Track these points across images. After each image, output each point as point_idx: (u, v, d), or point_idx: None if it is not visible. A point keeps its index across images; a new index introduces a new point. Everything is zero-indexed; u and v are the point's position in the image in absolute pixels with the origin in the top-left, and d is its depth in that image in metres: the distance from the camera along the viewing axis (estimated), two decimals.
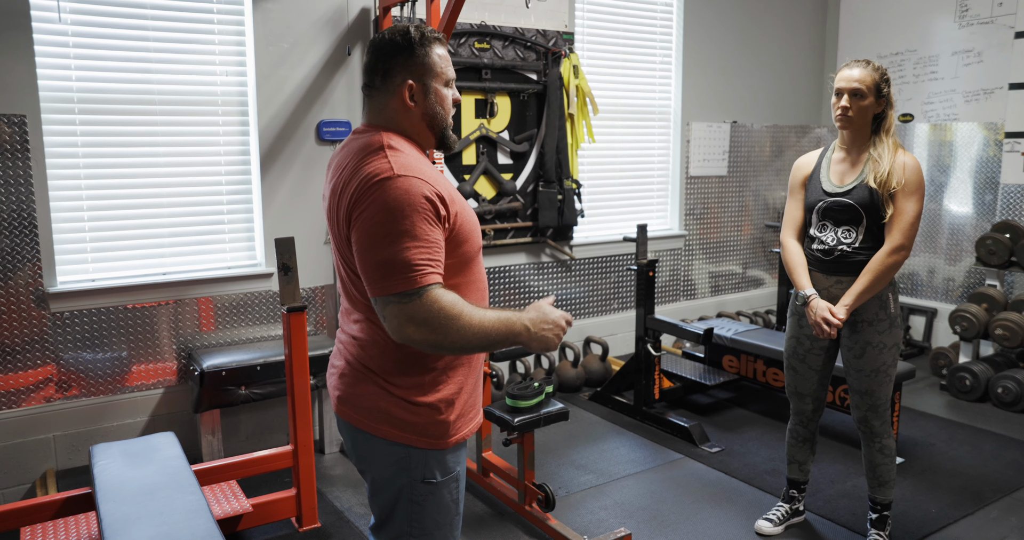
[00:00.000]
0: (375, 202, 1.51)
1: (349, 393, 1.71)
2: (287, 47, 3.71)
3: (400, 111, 1.67)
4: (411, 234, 1.49)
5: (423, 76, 1.66)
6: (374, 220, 1.51)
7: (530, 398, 2.94)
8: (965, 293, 5.25)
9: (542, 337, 1.62)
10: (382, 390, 1.66)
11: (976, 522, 3.10)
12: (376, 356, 1.66)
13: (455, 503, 1.77)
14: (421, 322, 1.49)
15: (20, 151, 3.15)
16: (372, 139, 1.63)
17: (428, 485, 1.70)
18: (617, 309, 5.12)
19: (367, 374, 1.68)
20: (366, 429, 1.68)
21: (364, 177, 1.54)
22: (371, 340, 1.67)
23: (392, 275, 1.49)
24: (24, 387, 3.27)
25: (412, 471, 1.68)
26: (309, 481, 2.99)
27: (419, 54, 1.65)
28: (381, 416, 1.66)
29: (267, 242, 3.73)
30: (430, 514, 1.73)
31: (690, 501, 3.28)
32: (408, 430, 1.66)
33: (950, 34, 5.21)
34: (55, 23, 3.22)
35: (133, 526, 2.15)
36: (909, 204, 2.57)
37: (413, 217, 1.50)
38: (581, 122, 4.57)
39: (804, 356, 2.85)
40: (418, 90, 1.66)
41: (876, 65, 2.63)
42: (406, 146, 1.64)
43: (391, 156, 1.57)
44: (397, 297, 1.49)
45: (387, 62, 1.65)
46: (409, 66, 1.65)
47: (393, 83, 1.65)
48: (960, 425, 4.13)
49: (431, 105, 1.68)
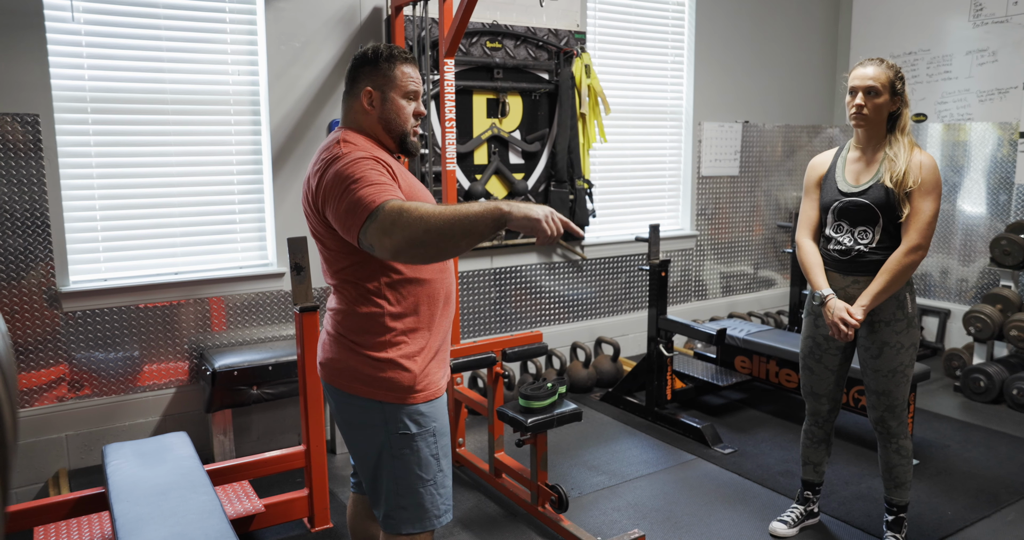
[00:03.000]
0: (332, 171, 1.76)
1: (328, 357, 1.95)
2: (299, 46, 3.70)
3: (360, 113, 1.94)
4: (363, 180, 1.71)
5: (383, 86, 1.92)
6: (334, 182, 1.74)
7: (543, 399, 2.92)
8: (979, 294, 5.21)
9: (525, 211, 1.64)
10: (351, 351, 1.89)
11: (992, 525, 3.07)
12: (342, 321, 1.91)
13: (435, 459, 1.93)
14: (389, 228, 1.62)
15: (33, 150, 3.16)
16: (332, 138, 1.91)
17: (404, 437, 1.88)
18: (628, 309, 5.10)
19: (340, 338, 1.91)
20: (342, 388, 1.91)
21: (321, 161, 1.82)
22: (339, 308, 1.92)
23: (355, 210, 1.67)
24: (37, 386, 3.28)
25: (388, 425, 1.88)
26: (321, 481, 2.98)
27: (382, 67, 1.92)
28: (352, 374, 1.89)
29: (279, 241, 3.73)
30: (412, 469, 1.89)
31: (703, 502, 3.26)
32: (375, 385, 1.87)
33: (964, 33, 5.17)
34: (68, 23, 3.22)
35: (147, 526, 2.15)
36: (926, 203, 2.54)
37: (361, 170, 1.73)
38: (593, 122, 4.55)
39: (820, 356, 2.82)
40: (376, 97, 1.92)
41: (890, 63, 2.61)
42: (361, 140, 1.88)
43: (344, 146, 1.83)
44: (367, 223, 1.65)
45: (355, 71, 1.95)
46: (371, 75, 1.92)
47: (357, 88, 1.94)
48: (975, 427, 4.10)
49: (387, 111, 1.93)
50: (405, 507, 1.91)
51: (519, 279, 4.56)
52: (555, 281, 4.72)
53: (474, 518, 3.14)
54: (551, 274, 4.70)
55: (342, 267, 1.88)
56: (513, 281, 4.54)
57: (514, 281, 4.54)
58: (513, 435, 3.24)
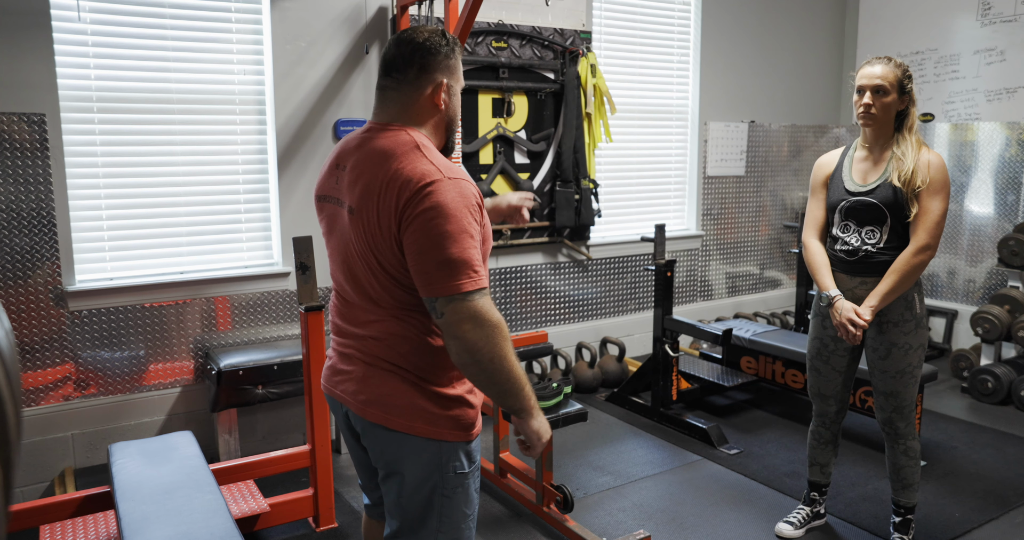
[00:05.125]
0: (432, 204, 1.51)
1: (377, 393, 1.68)
2: (304, 46, 3.70)
3: (427, 109, 1.68)
4: (469, 233, 1.53)
5: (451, 79, 1.69)
6: (435, 221, 1.51)
7: (549, 399, 2.92)
8: (986, 295, 5.18)
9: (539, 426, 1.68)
10: (414, 387, 1.66)
11: (1001, 527, 3.05)
12: (408, 353, 1.66)
13: (477, 493, 1.81)
14: (480, 322, 1.52)
15: (39, 150, 3.16)
16: (401, 138, 1.62)
17: (459, 476, 1.72)
18: (634, 309, 5.09)
19: (397, 371, 1.67)
20: (399, 428, 1.67)
21: (412, 179, 1.53)
22: (401, 337, 1.66)
23: (457, 274, 1.51)
24: (43, 385, 3.28)
25: (444, 465, 1.70)
26: (326, 481, 2.98)
27: (453, 58, 1.68)
28: (415, 413, 1.66)
29: (284, 241, 3.73)
30: (459, 506, 1.75)
31: (709, 503, 3.25)
32: (441, 425, 1.68)
33: (972, 33, 5.15)
34: (75, 22, 3.23)
35: (152, 525, 2.15)
36: (934, 203, 2.52)
37: (469, 217, 1.54)
38: (598, 121, 4.54)
39: (828, 357, 2.81)
40: (448, 91, 1.68)
41: (898, 62, 2.59)
42: (433, 146, 1.65)
43: (430, 157, 1.58)
44: (463, 296, 1.51)
45: (426, 58, 1.65)
46: (445, 67, 1.67)
47: (425, 80, 1.65)
48: (982, 428, 4.08)
49: (454, 108, 1.72)
50: None
51: (524, 279, 4.55)
52: (560, 281, 4.72)
53: (479, 518, 3.12)
54: (556, 274, 4.69)
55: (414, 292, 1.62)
56: (518, 281, 4.53)
57: (519, 281, 4.53)
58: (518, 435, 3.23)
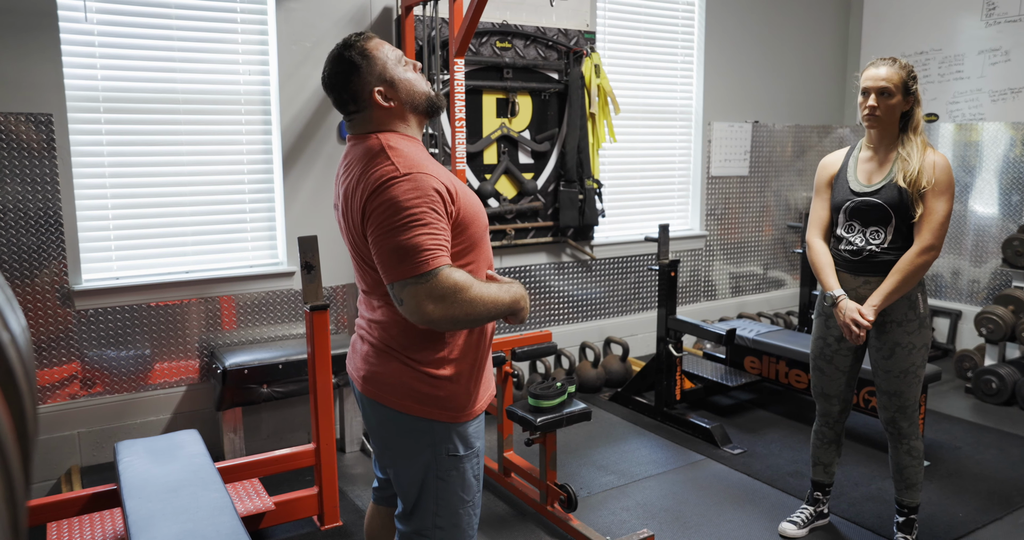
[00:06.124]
0: (387, 199, 1.62)
1: (374, 372, 1.81)
2: (310, 46, 3.72)
3: (384, 115, 1.77)
4: (421, 221, 1.60)
5: (382, 75, 1.75)
6: (387, 213, 1.61)
7: (553, 398, 2.92)
8: (990, 295, 5.18)
9: (526, 308, 1.77)
10: (405, 366, 1.76)
11: (1004, 527, 3.05)
12: (397, 335, 1.77)
13: (477, 480, 1.86)
14: (438, 298, 1.59)
15: (47, 150, 3.18)
16: (370, 143, 1.74)
17: (452, 459, 1.79)
18: (637, 309, 5.09)
19: (390, 352, 1.78)
20: (391, 405, 1.78)
21: (372, 180, 1.65)
22: (392, 321, 1.77)
23: (406, 260, 1.59)
24: (49, 384, 3.30)
25: (436, 446, 1.78)
26: (331, 479, 2.99)
27: (367, 58, 1.74)
28: (405, 391, 1.76)
29: (289, 240, 3.74)
30: (455, 491, 1.82)
31: (713, 503, 3.26)
32: (431, 404, 1.76)
33: (976, 33, 5.14)
34: (81, 23, 3.24)
35: (159, 523, 2.16)
36: (939, 204, 2.53)
37: (422, 207, 1.61)
38: (602, 121, 4.55)
39: (831, 357, 2.81)
40: (387, 89, 1.76)
41: (903, 63, 2.59)
42: (403, 143, 1.74)
43: (393, 157, 1.67)
44: (414, 279, 1.59)
45: (348, 86, 1.75)
46: (369, 74, 1.74)
47: (366, 99, 1.75)
48: (986, 428, 4.08)
49: (404, 93, 1.77)
50: (442, 528, 1.84)
51: (528, 278, 4.56)
52: (564, 281, 4.72)
53: (483, 517, 3.14)
54: (560, 274, 4.70)
55: None
56: (522, 280, 4.54)
57: (523, 280, 4.54)
58: (522, 434, 3.24)
